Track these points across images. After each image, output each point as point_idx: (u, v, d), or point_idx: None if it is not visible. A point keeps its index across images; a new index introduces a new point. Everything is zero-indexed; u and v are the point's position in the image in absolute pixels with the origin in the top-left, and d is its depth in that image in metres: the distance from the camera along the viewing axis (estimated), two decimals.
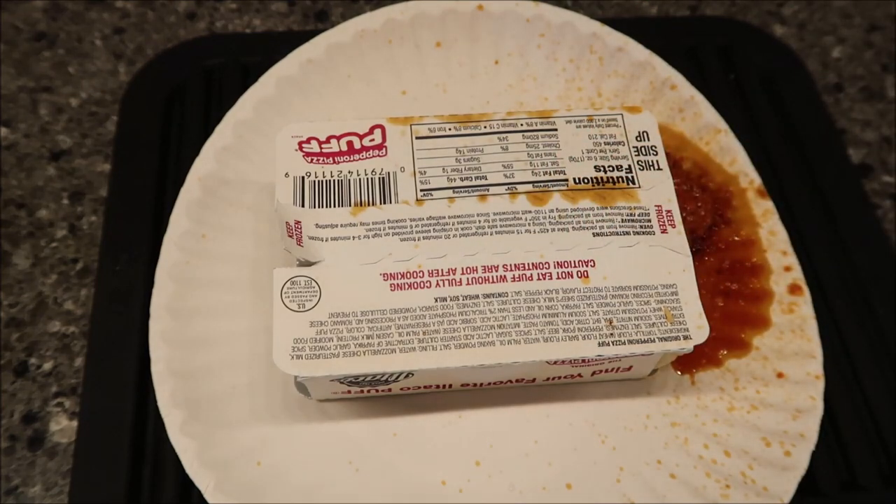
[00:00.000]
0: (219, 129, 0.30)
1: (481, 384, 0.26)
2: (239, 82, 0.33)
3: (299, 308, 0.23)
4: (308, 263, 0.24)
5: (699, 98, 0.31)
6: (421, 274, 0.24)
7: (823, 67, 0.37)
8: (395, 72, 0.32)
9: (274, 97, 0.31)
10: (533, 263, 0.24)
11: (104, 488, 0.25)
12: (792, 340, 0.28)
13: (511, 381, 0.26)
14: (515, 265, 0.24)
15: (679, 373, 0.27)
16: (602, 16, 0.38)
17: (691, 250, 0.29)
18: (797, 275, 0.29)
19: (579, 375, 0.26)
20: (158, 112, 0.32)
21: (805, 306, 0.28)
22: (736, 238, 0.30)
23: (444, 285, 0.23)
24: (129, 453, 0.26)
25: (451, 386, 0.26)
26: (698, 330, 0.23)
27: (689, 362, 0.28)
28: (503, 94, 0.32)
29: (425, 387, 0.26)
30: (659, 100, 0.32)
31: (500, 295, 0.23)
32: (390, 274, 0.24)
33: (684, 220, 0.30)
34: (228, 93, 0.32)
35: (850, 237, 0.31)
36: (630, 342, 0.23)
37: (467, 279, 0.24)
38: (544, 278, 0.24)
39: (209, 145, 0.29)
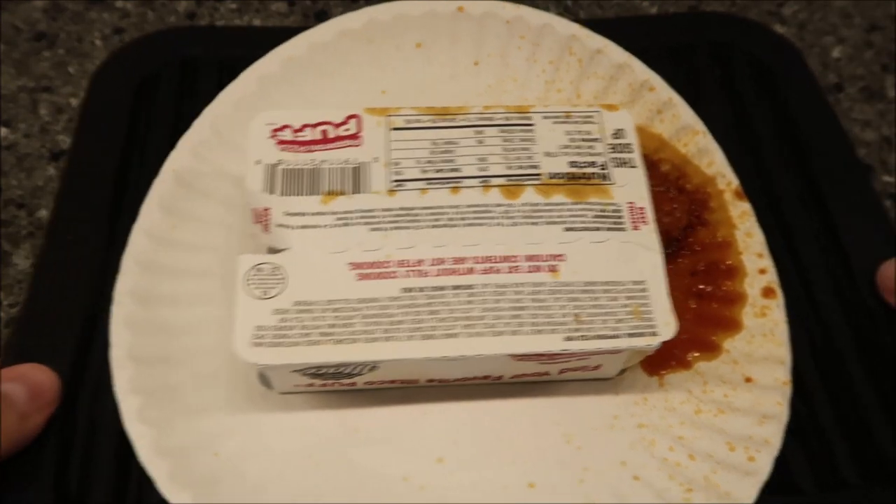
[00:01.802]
0: (196, 124, 0.29)
1: (448, 381, 0.25)
2: (214, 75, 0.32)
3: (263, 295, 0.23)
4: (275, 251, 0.24)
5: (677, 100, 0.31)
6: (389, 264, 0.23)
7: (823, 67, 0.37)
8: (376, 71, 0.32)
9: (254, 94, 0.30)
10: (502, 256, 0.24)
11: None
12: (762, 345, 0.28)
13: (478, 378, 0.26)
14: (485, 258, 0.24)
15: (648, 374, 0.27)
16: (602, 16, 0.38)
17: (667, 252, 0.29)
18: (771, 278, 0.29)
19: (547, 374, 0.26)
20: (127, 100, 0.32)
21: (777, 310, 0.28)
22: (712, 240, 0.30)
23: (411, 276, 0.23)
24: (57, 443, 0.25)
25: (416, 382, 0.25)
26: (666, 327, 0.23)
27: (659, 364, 0.27)
28: (483, 95, 0.32)
29: (390, 382, 0.25)
30: (637, 101, 0.32)
31: (467, 287, 0.23)
32: (358, 263, 0.23)
33: (660, 220, 0.30)
34: (202, 85, 0.32)
35: (847, 236, 0.31)
36: (597, 337, 0.23)
37: (435, 270, 0.23)
38: (513, 272, 0.24)
39: (186, 139, 0.29)
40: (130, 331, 0.25)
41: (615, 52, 0.32)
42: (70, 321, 0.27)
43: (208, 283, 0.27)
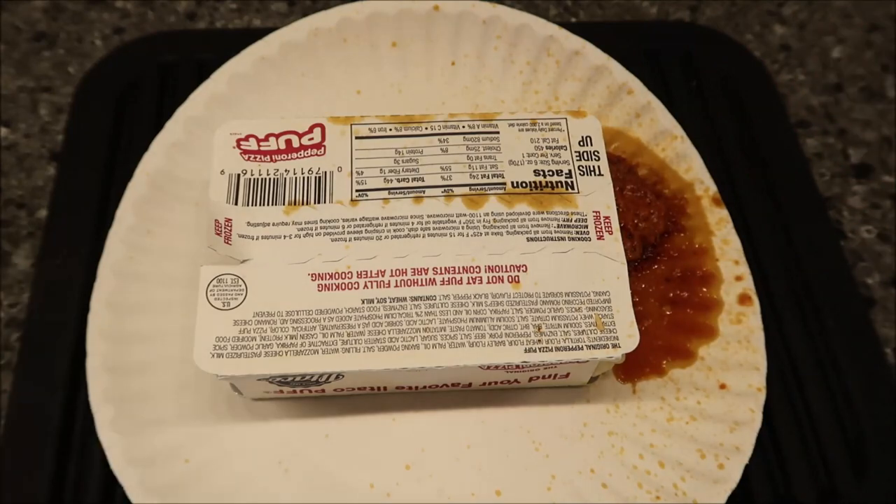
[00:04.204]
0: (169, 124, 0.30)
1: (416, 387, 0.26)
2: (193, 79, 0.33)
3: (224, 306, 0.23)
4: (235, 262, 0.24)
5: (656, 103, 0.31)
6: (349, 275, 0.23)
7: (823, 67, 0.37)
8: (350, 71, 0.32)
9: (226, 94, 0.30)
10: (463, 267, 0.24)
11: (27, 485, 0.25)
12: (738, 351, 0.27)
13: (447, 385, 0.26)
14: (445, 268, 0.24)
15: (621, 381, 0.27)
16: (602, 16, 0.38)
17: (643, 257, 0.29)
18: (748, 285, 0.28)
19: (516, 381, 0.25)
20: (110, 109, 0.32)
21: (753, 317, 0.28)
22: (688, 246, 0.29)
23: (371, 287, 0.23)
24: (55, 449, 0.25)
25: (385, 388, 0.26)
26: (628, 339, 0.23)
27: (632, 370, 0.27)
28: (459, 96, 0.32)
29: (359, 389, 0.25)
30: (616, 104, 0.31)
31: (427, 298, 0.23)
32: (318, 274, 0.23)
33: (637, 226, 0.29)
34: (182, 90, 0.32)
35: (805, 248, 0.31)
36: (558, 349, 0.23)
37: (396, 281, 0.23)
38: (474, 282, 0.23)
39: (158, 141, 0.29)
40: (105, 340, 0.26)
41: (593, 54, 0.31)
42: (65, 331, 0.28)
43: (180, 290, 0.27)
